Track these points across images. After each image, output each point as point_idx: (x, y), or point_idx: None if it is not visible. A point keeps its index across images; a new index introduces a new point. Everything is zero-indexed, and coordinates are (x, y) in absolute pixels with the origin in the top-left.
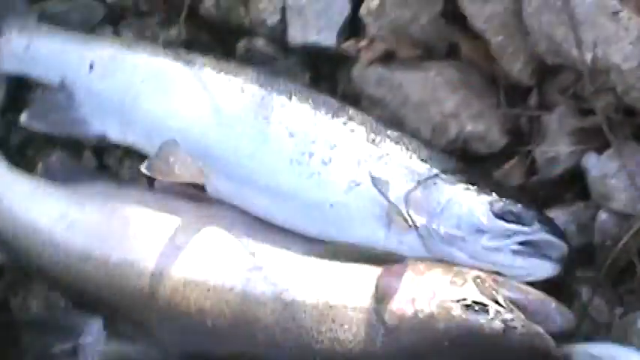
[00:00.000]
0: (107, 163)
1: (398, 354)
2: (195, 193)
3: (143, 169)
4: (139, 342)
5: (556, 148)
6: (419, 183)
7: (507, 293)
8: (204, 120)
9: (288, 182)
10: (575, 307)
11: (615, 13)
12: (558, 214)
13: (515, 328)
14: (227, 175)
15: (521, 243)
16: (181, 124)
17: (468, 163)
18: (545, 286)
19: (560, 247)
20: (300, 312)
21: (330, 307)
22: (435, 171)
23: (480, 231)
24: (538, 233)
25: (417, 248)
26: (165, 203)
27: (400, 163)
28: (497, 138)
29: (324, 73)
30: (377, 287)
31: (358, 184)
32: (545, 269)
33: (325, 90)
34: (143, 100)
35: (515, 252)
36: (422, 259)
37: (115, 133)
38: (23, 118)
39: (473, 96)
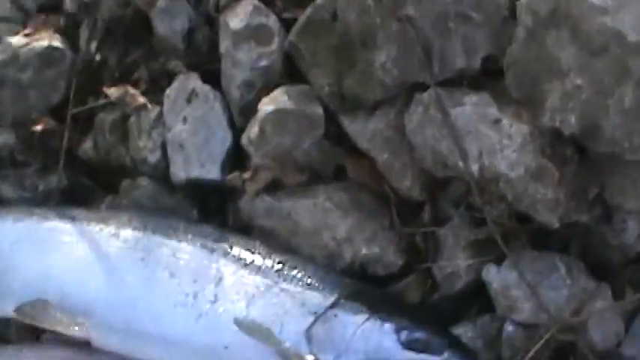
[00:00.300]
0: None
1: None
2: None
3: (12, 312)
4: None
5: (454, 262)
6: (317, 316)
7: None
8: (81, 273)
9: (176, 327)
10: None
11: (497, 122)
12: (466, 330)
13: None
14: (111, 326)
15: None
16: (59, 282)
17: (367, 283)
18: None
19: None
20: None
21: None
22: (332, 299)
23: None
24: None
25: None
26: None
27: (293, 294)
28: (393, 259)
29: (212, 207)
30: None
31: (252, 321)
32: None
33: (215, 224)
34: (15, 266)
35: None
36: None
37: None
38: None
39: (365, 218)
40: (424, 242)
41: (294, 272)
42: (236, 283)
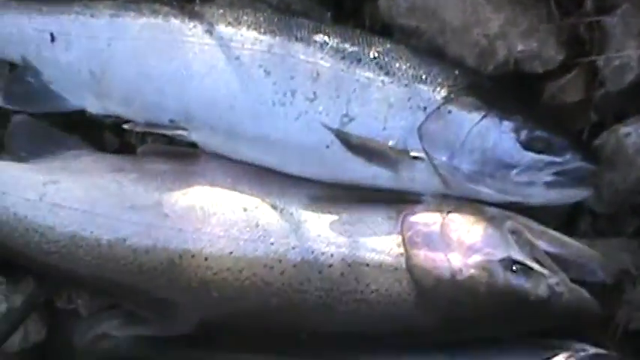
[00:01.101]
0: (129, 141)
1: (433, 318)
2: (179, 152)
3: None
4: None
5: (624, 53)
6: (428, 112)
7: (545, 247)
8: (178, 75)
9: (276, 127)
10: None
11: None
12: (636, 128)
13: (560, 293)
14: (212, 128)
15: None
16: (157, 84)
17: (488, 79)
18: None
19: (593, 170)
20: (314, 272)
21: (350, 265)
22: (444, 94)
23: (509, 166)
24: (572, 163)
25: (432, 184)
26: (152, 167)
27: (401, 88)
28: (552, 53)
29: (347, 9)
30: (403, 239)
31: (352, 119)
32: (578, 195)
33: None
34: (113, 66)
35: (548, 184)
36: (443, 198)
37: (94, 106)
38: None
39: (520, 10)
40: (588, 33)
41: (399, 64)
42: (334, 79)
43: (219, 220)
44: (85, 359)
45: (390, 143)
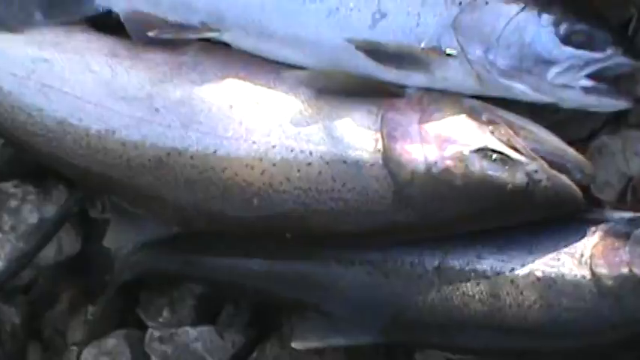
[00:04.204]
0: None
1: (410, 213)
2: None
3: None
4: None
5: None
6: (464, 4)
7: (525, 142)
8: None
9: (307, 26)
10: None
11: None
12: None
13: (539, 180)
14: (244, 29)
15: (594, 74)
16: None
17: None
18: None
19: (636, 66)
20: (294, 171)
21: (327, 162)
22: None
23: (547, 61)
24: (613, 58)
25: (466, 83)
26: (146, 57)
27: None
28: None
29: None
30: (382, 134)
31: (384, 15)
32: (616, 105)
33: None
34: None
35: (587, 89)
36: (424, 92)
37: (121, 5)
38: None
39: None
40: None
41: None
42: None
43: (206, 117)
44: (123, 270)
45: (423, 44)
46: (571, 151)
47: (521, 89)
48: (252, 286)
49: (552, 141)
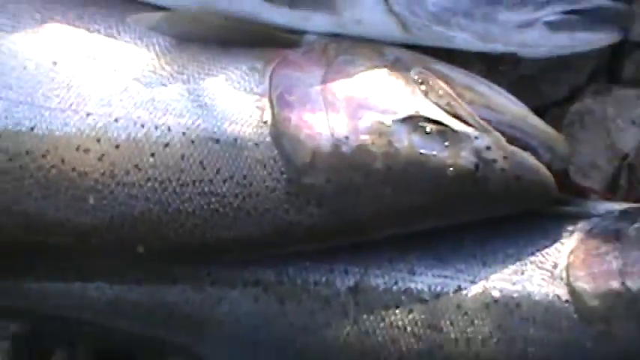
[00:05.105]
0: None
1: (312, 211)
2: None
3: None
4: None
5: None
6: None
7: (472, 108)
8: None
9: None
10: None
11: None
12: None
13: (493, 161)
14: None
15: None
16: None
17: None
18: None
19: (624, 9)
20: (145, 155)
21: (193, 142)
22: None
23: (493, 0)
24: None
25: (388, 30)
26: None
27: None
28: None
29: None
30: (270, 99)
31: None
32: (600, 41)
33: None
34: None
35: (551, 24)
36: (331, 39)
37: None
38: None
39: None
40: None
41: None
42: None
43: (19, 80)
44: None
45: None
46: (537, 121)
47: (461, 38)
48: (90, 322)
49: (510, 107)
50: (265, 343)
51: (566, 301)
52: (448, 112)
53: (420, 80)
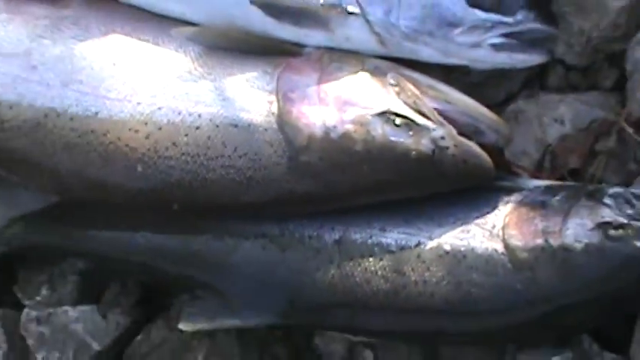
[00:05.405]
0: None
1: (308, 181)
2: None
3: None
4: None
5: None
6: None
7: (433, 104)
8: None
9: None
10: None
11: None
12: None
13: (446, 147)
14: None
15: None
16: None
17: None
18: None
19: (549, 33)
20: (181, 135)
21: (217, 126)
22: None
23: (451, 24)
24: (524, 24)
25: (369, 44)
26: (25, 10)
27: None
28: None
29: None
30: (277, 92)
31: None
32: (531, 60)
33: None
34: None
35: (496, 46)
36: (326, 50)
37: None
38: None
39: None
40: None
41: None
42: None
43: (88, 76)
44: None
45: (322, 0)
46: (484, 110)
47: (426, 52)
48: (138, 262)
49: (464, 100)
50: (270, 282)
51: (502, 253)
52: (414, 109)
53: (393, 83)
